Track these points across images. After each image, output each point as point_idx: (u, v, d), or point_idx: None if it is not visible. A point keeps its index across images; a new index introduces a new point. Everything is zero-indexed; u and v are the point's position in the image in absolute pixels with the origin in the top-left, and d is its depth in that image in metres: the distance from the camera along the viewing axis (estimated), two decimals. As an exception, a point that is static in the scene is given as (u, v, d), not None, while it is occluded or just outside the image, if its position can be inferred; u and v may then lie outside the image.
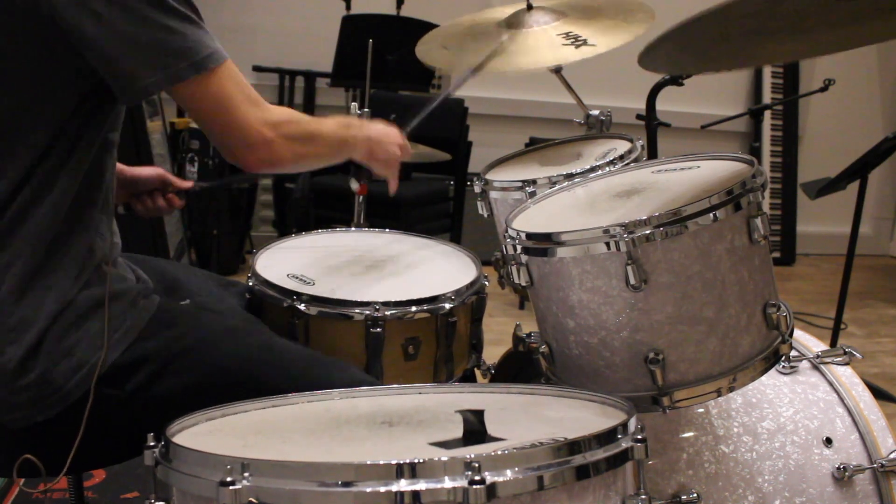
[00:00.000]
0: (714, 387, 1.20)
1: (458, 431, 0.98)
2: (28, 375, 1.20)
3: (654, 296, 1.16)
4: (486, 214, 1.74)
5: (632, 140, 1.70)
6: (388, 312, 1.52)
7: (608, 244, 1.15)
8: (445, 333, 1.60)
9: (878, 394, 2.27)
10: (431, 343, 1.60)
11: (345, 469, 0.82)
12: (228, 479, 0.82)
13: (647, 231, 1.14)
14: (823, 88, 2.95)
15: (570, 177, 1.56)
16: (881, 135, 2.76)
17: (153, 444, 0.94)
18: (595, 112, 1.88)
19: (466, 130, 4.30)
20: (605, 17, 1.80)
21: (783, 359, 1.34)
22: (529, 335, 1.57)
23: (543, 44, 1.75)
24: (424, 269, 1.77)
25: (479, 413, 1.03)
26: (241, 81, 1.26)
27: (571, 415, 1.07)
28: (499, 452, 0.84)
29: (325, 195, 3.94)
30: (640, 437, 0.92)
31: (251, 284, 1.63)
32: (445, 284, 1.63)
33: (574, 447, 0.87)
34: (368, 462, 0.82)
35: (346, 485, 0.82)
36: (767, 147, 5.48)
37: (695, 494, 1.25)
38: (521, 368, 1.68)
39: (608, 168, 1.55)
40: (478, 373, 1.80)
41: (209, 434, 1.03)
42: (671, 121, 2.79)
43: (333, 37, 4.24)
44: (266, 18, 4.73)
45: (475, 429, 0.99)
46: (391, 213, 3.83)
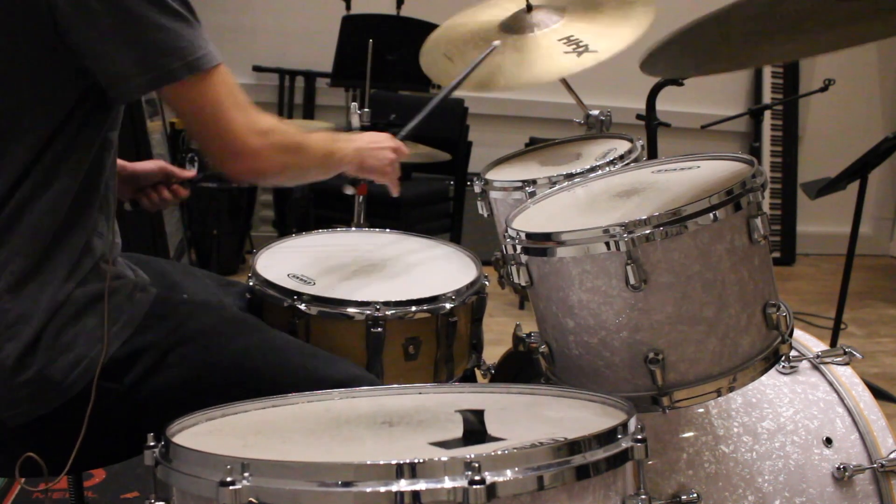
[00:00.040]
0: (714, 387, 1.20)
1: (458, 431, 0.98)
2: (27, 371, 1.20)
3: (654, 296, 1.16)
4: (486, 214, 1.74)
5: (632, 140, 1.70)
6: (389, 312, 1.52)
7: (608, 244, 1.15)
8: (446, 333, 1.60)
9: (878, 394, 2.27)
10: (432, 343, 1.60)
11: (345, 469, 0.82)
12: (228, 479, 0.82)
13: (647, 231, 1.14)
14: (823, 88, 2.96)
15: (570, 177, 1.56)
16: (881, 135, 2.76)
17: (153, 444, 0.94)
18: (595, 112, 1.88)
19: (466, 130, 4.29)
20: (605, 12, 1.80)
21: (783, 359, 1.34)
22: (529, 335, 1.57)
23: (545, 55, 1.74)
24: (424, 269, 1.77)
25: (479, 413, 1.03)
26: (233, 86, 1.24)
27: (571, 415, 1.07)
28: (499, 452, 0.84)
29: (325, 195, 3.94)
30: (640, 437, 0.92)
31: (251, 284, 1.63)
32: (446, 284, 1.63)
33: (574, 447, 0.87)
34: (368, 462, 0.82)
35: (346, 485, 0.82)
36: (767, 147, 5.47)
37: (695, 494, 1.25)
38: (521, 368, 1.68)
39: (608, 168, 1.55)
40: (478, 373, 1.80)
41: (209, 434, 1.03)
42: (671, 121, 2.79)
43: (333, 37, 4.24)
44: (266, 18, 4.72)
45: (475, 429, 0.99)
46: (391, 213, 3.83)
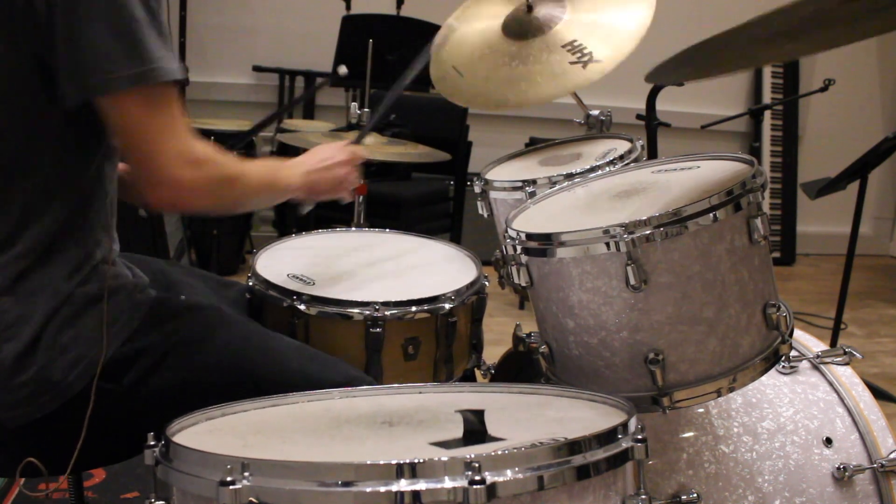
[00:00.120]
0: (714, 387, 1.20)
1: (458, 431, 0.98)
2: (26, 372, 1.20)
3: (654, 296, 1.16)
4: (486, 214, 1.73)
5: (632, 140, 1.69)
6: (388, 312, 1.52)
7: (608, 244, 1.15)
8: (445, 333, 1.60)
9: (878, 394, 2.27)
10: (431, 343, 1.60)
11: (345, 469, 0.82)
12: (228, 479, 0.82)
13: (647, 231, 1.14)
14: (823, 88, 2.96)
15: (570, 177, 1.56)
16: (881, 135, 2.76)
17: (153, 444, 0.94)
18: (595, 112, 1.88)
19: (466, 130, 4.29)
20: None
21: (783, 359, 1.34)
22: (529, 335, 1.57)
23: (551, 69, 1.73)
24: (424, 269, 1.77)
25: (479, 413, 1.03)
26: (174, 108, 1.18)
27: (571, 415, 1.07)
28: (499, 452, 0.84)
29: (325, 195, 3.94)
30: (641, 437, 0.92)
31: (251, 284, 1.63)
32: (445, 284, 1.63)
33: (574, 447, 0.87)
34: (368, 462, 0.82)
35: (346, 485, 0.82)
36: (767, 147, 5.47)
37: (695, 494, 1.25)
38: (521, 368, 1.68)
39: (608, 168, 1.55)
40: (478, 373, 1.80)
41: (209, 434, 1.03)
42: (671, 121, 2.79)
43: (333, 37, 4.24)
44: (266, 18, 4.72)
45: (475, 429, 0.99)
46: (391, 213, 3.82)
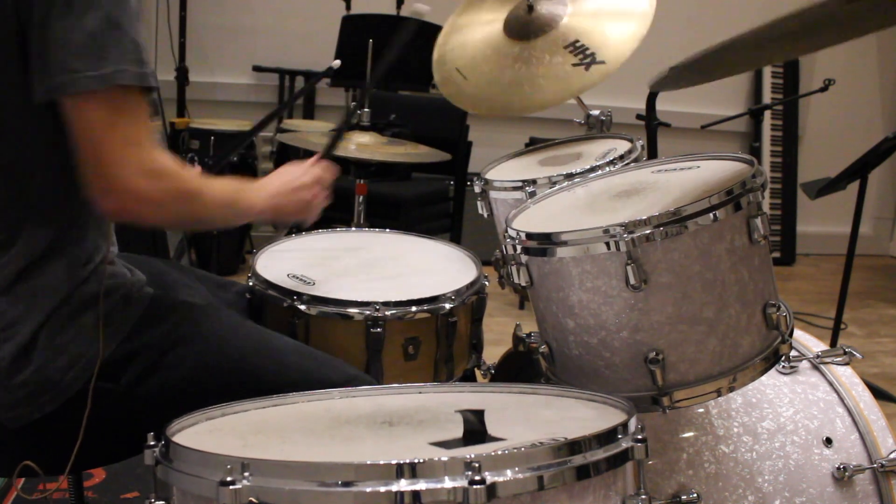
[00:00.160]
0: (714, 387, 1.20)
1: (458, 431, 0.98)
2: (23, 373, 1.20)
3: (654, 296, 1.16)
4: (486, 214, 1.73)
5: (632, 140, 1.69)
6: (389, 312, 1.52)
7: (608, 244, 1.15)
8: (445, 333, 1.60)
9: (878, 394, 2.27)
10: (431, 343, 1.60)
11: (345, 469, 0.82)
12: (228, 479, 0.82)
13: (647, 231, 1.14)
14: (823, 88, 2.96)
15: (570, 177, 1.56)
16: (881, 135, 2.76)
17: (153, 444, 0.94)
18: (595, 112, 1.88)
19: (466, 130, 4.29)
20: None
21: (783, 359, 1.34)
22: (529, 335, 1.57)
23: (554, 71, 1.73)
24: (424, 269, 1.78)
25: (479, 413, 1.03)
26: (139, 116, 1.14)
27: (571, 415, 1.07)
28: (499, 452, 0.84)
29: (325, 195, 3.94)
30: (640, 437, 0.92)
31: (251, 284, 1.63)
32: (445, 284, 1.63)
33: (574, 447, 0.87)
34: (368, 462, 0.82)
35: (346, 485, 0.82)
36: (767, 147, 5.47)
37: (695, 494, 1.25)
38: (521, 368, 1.68)
39: (608, 168, 1.55)
40: (478, 373, 1.80)
41: (209, 434, 1.03)
42: (671, 121, 2.79)
43: (333, 37, 4.23)
44: (266, 18, 4.72)
45: (475, 429, 0.99)
46: (391, 213, 3.82)
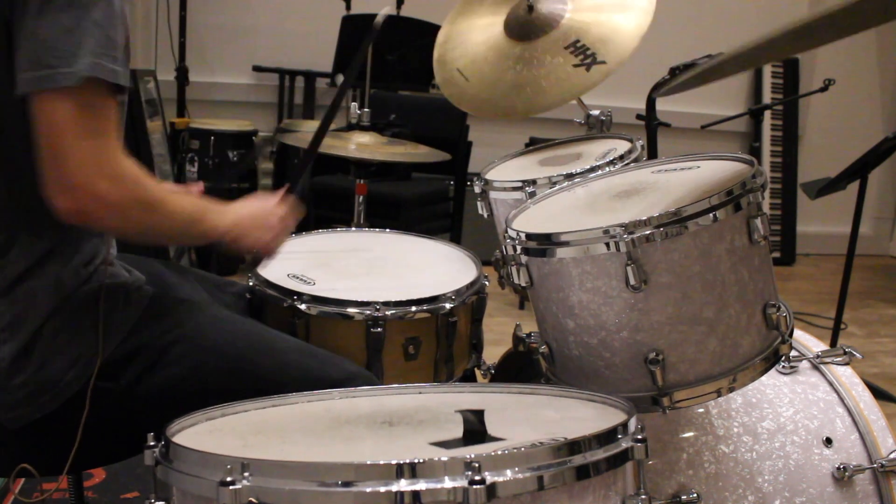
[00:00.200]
0: (714, 387, 1.20)
1: (458, 431, 0.98)
2: (23, 373, 1.20)
3: (654, 296, 1.16)
4: (486, 214, 1.73)
5: (632, 140, 1.69)
6: (389, 312, 1.52)
7: (608, 244, 1.15)
8: (446, 333, 1.60)
9: (878, 394, 2.27)
10: (432, 343, 1.60)
11: (345, 469, 0.82)
12: (228, 479, 0.82)
13: (647, 231, 1.14)
14: (823, 88, 2.96)
15: (570, 177, 1.56)
16: (881, 135, 2.76)
17: (153, 444, 0.94)
18: (595, 112, 1.88)
19: (466, 130, 4.29)
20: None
21: (783, 359, 1.34)
22: (529, 335, 1.57)
23: (555, 73, 1.73)
24: (424, 269, 1.78)
25: (479, 413, 1.03)
26: (107, 118, 1.12)
27: (571, 415, 1.07)
28: (499, 452, 0.84)
29: (325, 195, 3.94)
30: (640, 437, 0.92)
31: (251, 284, 1.63)
32: (445, 284, 1.63)
33: (574, 447, 0.87)
34: (368, 462, 0.82)
35: (346, 485, 0.82)
36: (767, 147, 5.47)
37: (695, 494, 1.25)
38: (521, 368, 1.68)
39: (608, 168, 1.55)
40: (478, 373, 1.80)
41: (209, 434, 1.03)
42: (671, 121, 2.78)
43: (333, 37, 4.24)
44: (266, 18, 4.72)
45: (475, 429, 0.99)
46: (391, 213, 3.82)
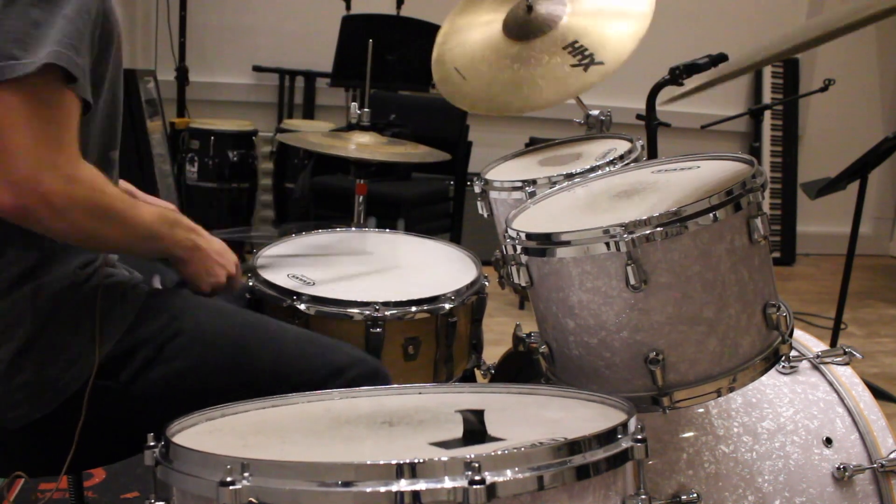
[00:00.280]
0: (714, 387, 1.20)
1: (458, 431, 0.98)
2: (23, 373, 1.20)
3: (654, 296, 1.16)
4: (486, 214, 1.73)
5: (632, 140, 1.69)
6: (388, 312, 1.52)
7: (608, 244, 1.15)
8: (445, 333, 1.60)
9: (878, 394, 2.27)
10: (431, 343, 1.60)
11: (345, 469, 0.82)
12: (228, 479, 0.82)
13: (647, 231, 1.14)
14: (823, 88, 2.96)
15: (570, 177, 1.56)
16: (881, 135, 2.76)
17: (153, 444, 0.94)
18: (595, 112, 1.88)
19: (466, 130, 4.29)
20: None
21: (783, 359, 1.34)
22: (529, 335, 1.57)
23: (552, 72, 1.73)
24: (424, 269, 1.78)
25: (479, 413, 1.03)
26: (65, 117, 1.09)
27: (571, 415, 1.07)
28: (499, 452, 0.84)
29: (325, 195, 3.94)
30: (640, 437, 0.92)
31: (251, 284, 1.63)
32: (445, 284, 1.63)
33: (574, 447, 0.87)
34: (368, 462, 0.82)
35: (346, 485, 0.82)
36: (767, 147, 5.47)
37: (695, 494, 1.25)
38: (521, 368, 1.68)
39: (608, 168, 1.55)
40: (478, 373, 1.80)
41: (209, 434, 1.03)
42: (671, 121, 2.78)
43: (333, 37, 4.24)
44: (266, 18, 4.72)
45: (475, 429, 0.99)
46: (391, 213, 3.82)
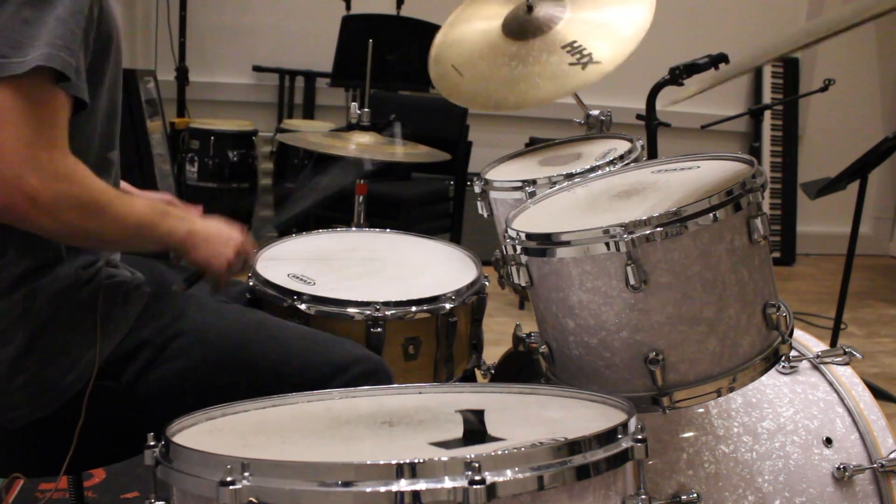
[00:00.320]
0: (714, 387, 1.20)
1: (458, 431, 0.98)
2: (23, 374, 1.20)
3: (654, 296, 1.16)
4: (486, 214, 1.73)
5: (632, 140, 1.69)
6: (389, 312, 1.52)
7: (608, 244, 1.15)
8: (446, 333, 1.60)
9: (878, 394, 2.27)
10: (431, 343, 1.60)
11: (345, 469, 0.82)
12: (228, 479, 0.82)
13: (647, 231, 1.14)
14: (823, 88, 2.96)
15: (570, 177, 1.56)
16: (881, 135, 2.76)
17: (153, 444, 0.94)
18: (595, 112, 1.88)
19: (466, 130, 4.29)
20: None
21: (783, 359, 1.34)
22: (529, 335, 1.57)
23: (550, 70, 1.73)
24: (424, 269, 1.77)
25: (479, 413, 1.03)
26: (52, 114, 1.07)
27: (571, 415, 1.07)
28: (499, 452, 0.84)
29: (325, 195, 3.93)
30: (640, 437, 0.92)
31: (251, 284, 1.63)
32: (445, 284, 1.63)
33: (574, 447, 0.87)
34: (368, 462, 0.82)
35: (346, 485, 0.82)
36: (767, 147, 5.47)
37: (695, 494, 1.25)
38: (521, 368, 1.68)
39: (608, 168, 1.55)
40: (478, 373, 1.80)
41: (209, 434, 1.03)
42: (671, 121, 2.78)
43: (333, 37, 4.24)
44: (266, 18, 4.72)
45: (475, 429, 0.99)
46: (391, 213, 3.82)
